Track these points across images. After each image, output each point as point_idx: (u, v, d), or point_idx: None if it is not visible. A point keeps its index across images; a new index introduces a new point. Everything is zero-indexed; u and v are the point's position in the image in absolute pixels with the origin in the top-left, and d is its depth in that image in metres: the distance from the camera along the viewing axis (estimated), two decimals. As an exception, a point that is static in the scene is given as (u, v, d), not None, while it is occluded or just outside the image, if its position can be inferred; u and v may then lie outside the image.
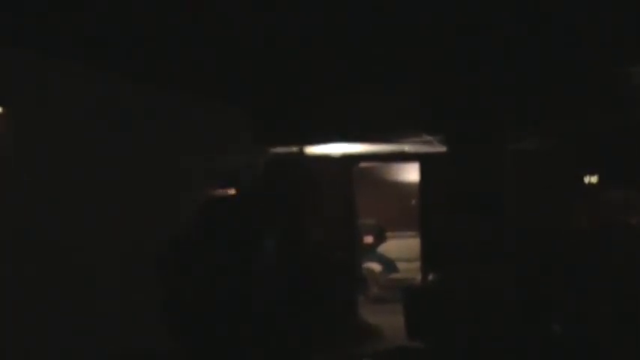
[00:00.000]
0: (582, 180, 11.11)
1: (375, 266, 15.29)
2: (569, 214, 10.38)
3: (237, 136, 9.62)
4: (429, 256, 11.61)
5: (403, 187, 15.77)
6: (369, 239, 16.19)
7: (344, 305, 10.90)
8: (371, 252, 15.79)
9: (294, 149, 9.99)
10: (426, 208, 12.02)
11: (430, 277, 9.86)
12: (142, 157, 8.01)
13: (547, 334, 5.84)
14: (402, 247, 15.44)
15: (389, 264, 15.45)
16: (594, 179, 11.03)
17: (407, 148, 11.58)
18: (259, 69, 7.86)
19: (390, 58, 7.66)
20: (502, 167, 10.06)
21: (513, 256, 8.10)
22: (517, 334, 6.12)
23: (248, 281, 3.47)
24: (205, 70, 7.80)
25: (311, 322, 3.69)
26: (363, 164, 12.78)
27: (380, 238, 16.43)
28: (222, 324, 3.40)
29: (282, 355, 3.52)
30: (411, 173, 13.80)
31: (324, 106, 9.72)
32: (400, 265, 15.25)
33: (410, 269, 14.07)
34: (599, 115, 9.55)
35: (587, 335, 5.93)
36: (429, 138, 10.74)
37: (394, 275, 14.99)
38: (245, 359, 3.44)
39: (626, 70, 7.91)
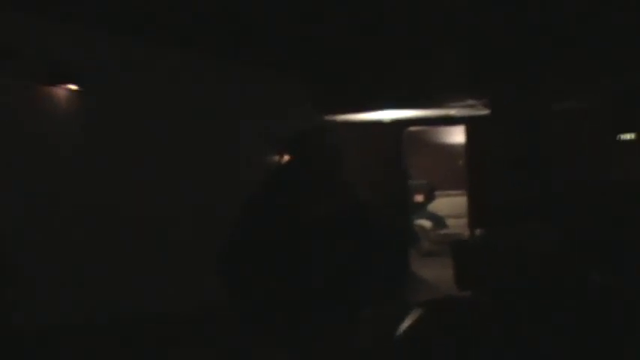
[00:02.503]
0: (620, 136, 10.80)
1: (426, 223, 15.18)
2: (608, 169, 10.12)
3: (298, 103, 9.61)
4: (475, 213, 11.47)
5: (450, 149, 15.63)
6: (419, 198, 16.09)
7: (398, 259, 10.81)
8: (422, 209, 15.70)
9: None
10: (472, 168, 11.88)
11: (477, 232, 9.74)
12: (212, 123, 8.12)
13: (585, 285, 5.70)
14: (451, 205, 15.33)
15: (438, 220, 15.35)
16: (631, 135, 10.72)
17: (453, 112, 11.44)
18: (319, 42, 7.84)
19: (436, 31, 7.56)
20: (543, 127, 9.86)
21: (556, 211, 7.92)
22: (557, 286, 6.00)
23: (307, 238, 3.44)
24: (270, 43, 7.79)
25: (365, 276, 3.66)
26: (412, 128, 12.67)
27: (430, 197, 16.32)
28: (286, 277, 3.39)
29: (342, 302, 3.51)
30: (457, 136, 13.68)
31: (376, 75, 9.63)
32: (449, 222, 15.15)
33: (458, 225, 13.99)
34: (635, 74, 9.27)
35: (623, 286, 5.79)
36: (473, 102, 10.58)
37: (443, 231, 14.89)
38: (305, 308, 3.42)
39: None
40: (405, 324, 3.83)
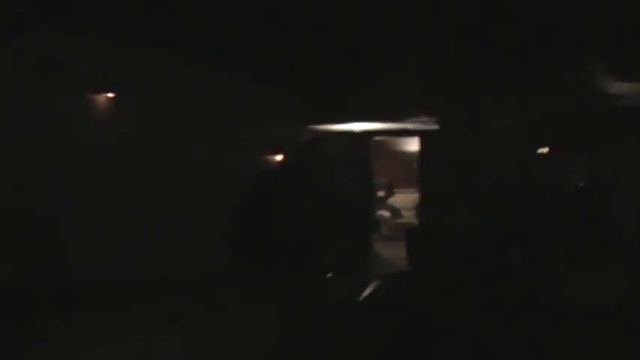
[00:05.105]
0: (537, 149, 11.13)
1: (386, 213, 15.33)
2: (528, 172, 10.40)
3: (288, 115, 9.69)
4: (424, 206, 11.62)
5: (407, 155, 15.75)
6: (381, 193, 16.16)
7: (362, 241, 10.90)
8: (383, 203, 15.80)
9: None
10: (424, 171, 12.05)
11: (425, 221, 9.87)
12: (216, 130, 8.13)
13: (510, 262, 5.86)
14: (406, 200, 15.41)
15: (396, 211, 15.48)
16: (545, 149, 11.06)
17: (410, 126, 11.62)
18: (308, 70, 7.93)
19: (401, 62, 7.69)
20: (479, 141, 10.08)
21: (487, 205, 8.09)
22: (488, 264, 6.15)
23: (298, 222, 3.57)
24: (269, 65, 7.81)
25: (337, 252, 3.79)
26: (378, 138, 12.82)
27: (390, 193, 16.38)
28: (284, 247, 3.51)
29: (325, 268, 3.65)
30: (413, 145, 13.82)
31: (351, 96, 9.79)
32: (404, 213, 15.23)
33: (411, 216, 14.07)
34: (550, 102, 9.54)
35: (539, 264, 5.95)
36: (426, 119, 10.77)
37: (399, 220, 15.00)
38: (299, 270, 3.55)
39: (571, 70, 7.86)
40: (366, 292, 3.96)
